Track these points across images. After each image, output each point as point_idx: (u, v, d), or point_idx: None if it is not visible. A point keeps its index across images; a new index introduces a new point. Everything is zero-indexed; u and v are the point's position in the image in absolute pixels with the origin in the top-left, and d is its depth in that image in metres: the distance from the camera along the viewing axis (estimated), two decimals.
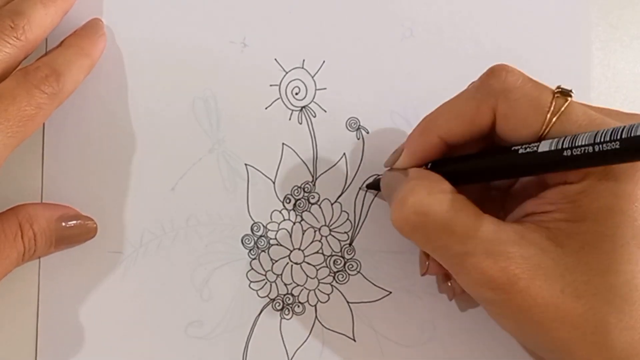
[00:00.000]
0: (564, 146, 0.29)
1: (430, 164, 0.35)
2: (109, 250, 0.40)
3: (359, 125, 0.41)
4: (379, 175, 0.40)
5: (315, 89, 0.41)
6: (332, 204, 0.41)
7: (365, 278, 0.41)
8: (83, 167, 0.40)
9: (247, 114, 0.41)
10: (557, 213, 0.31)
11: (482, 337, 0.40)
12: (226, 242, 0.41)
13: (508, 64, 0.33)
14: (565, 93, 0.31)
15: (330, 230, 0.41)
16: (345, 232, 0.41)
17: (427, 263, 0.36)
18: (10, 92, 0.34)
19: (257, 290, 0.41)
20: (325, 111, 0.41)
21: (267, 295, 0.41)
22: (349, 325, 0.41)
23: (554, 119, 0.31)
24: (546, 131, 0.31)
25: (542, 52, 0.42)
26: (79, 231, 0.39)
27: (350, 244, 0.41)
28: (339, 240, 0.41)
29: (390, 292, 0.41)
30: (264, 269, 0.41)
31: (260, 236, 0.41)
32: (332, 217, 0.41)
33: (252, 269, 0.41)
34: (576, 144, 0.29)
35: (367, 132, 0.41)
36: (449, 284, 0.38)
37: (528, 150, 0.31)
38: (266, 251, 0.41)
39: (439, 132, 0.34)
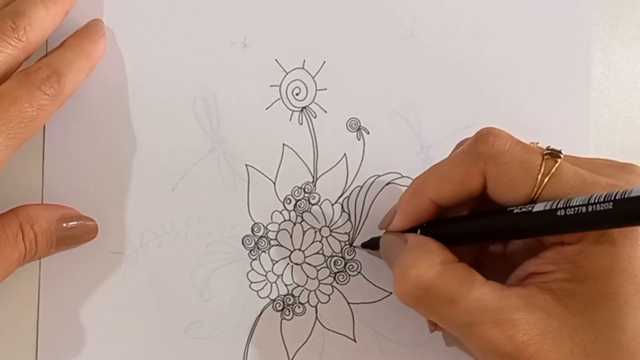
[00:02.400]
0: (558, 206, 0.29)
1: (425, 224, 0.35)
2: (110, 251, 0.40)
3: (360, 125, 0.41)
4: (375, 236, 0.40)
5: (316, 90, 0.41)
6: (332, 205, 0.41)
7: (366, 279, 0.41)
8: (84, 167, 0.40)
9: (248, 115, 0.41)
10: (559, 273, 0.31)
11: None
12: (227, 242, 0.41)
13: (495, 126, 0.33)
14: (554, 154, 0.31)
15: (330, 230, 0.41)
16: (345, 233, 0.41)
17: (433, 324, 0.36)
18: (11, 93, 0.34)
19: (257, 291, 0.41)
20: (326, 112, 0.41)
21: (268, 296, 0.41)
22: (349, 325, 0.41)
23: (545, 180, 0.31)
24: (538, 193, 0.31)
25: (542, 52, 0.42)
26: (79, 232, 0.39)
27: (350, 245, 0.41)
28: (339, 240, 0.41)
29: (391, 293, 0.41)
30: (264, 270, 0.41)
31: (261, 237, 0.41)
32: (332, 218, 0.41)
33: (253, 269, 0.41)
34: (570, 205, 0.29)
35: (368, 133, 0.41)
36: None
37: (523, 210, 0.31)
38: (267, 252, 0.41)
39: (429, 195, 0.34)
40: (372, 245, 0.40)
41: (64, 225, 0.38)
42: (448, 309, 0.31)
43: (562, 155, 0.31)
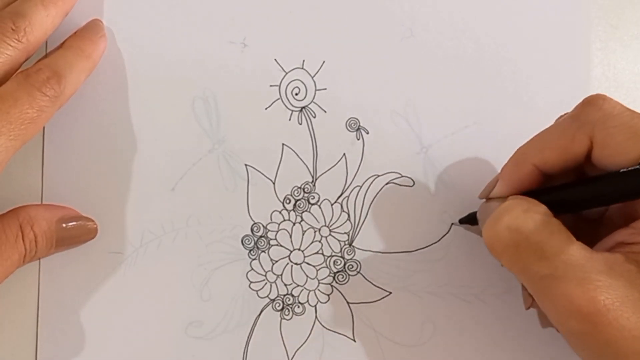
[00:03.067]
0: None
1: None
2: (109, 251, 0.40)
3: (359, 125, 0.41)
4: (472, 211, 0.39)
5: (315, 90, 0.41)
6: (332, 205, 0.41)
7: (365, 278, 0.41)
8: (83, 168, 0.40)
9: (247, 115, 0.41)
10: None
11: (482, 337, 0.40)
12: (226, 242, 0.41)
13: (604, 94, 0.33)
14: None
15: (330, 230, 0.41)
16: (345, 233, 0.41)
17: (531, 299, 0.36)
18: (11, 95, 0.34)
19: (257, 291, 0.41)
20: (325, 111, 0.41)
21: (267, 296, 0.41)
22: (349, 325, 0.41)
23: None
24: None
25: (543, 52, 0.42)
26: (79, 232, 0.39)
27: (350, 245, 0.41)
28: (338, 240, 0.41)
29: (390, 293, 0.41)
30: (264, 270, 0.41)
31: (261, 236, 0.41)
32: (332, 218, 0.41)
33: (252, 269, 0.41)
34: None
35: (367, 133, 0.41)
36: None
37: (631, 169, 0.31)
38: (266, 251, 0.41)
39: (534, 162, 0.34)
40: (470, 220, 0.39)
41: (64, 225, 0.38)
42: (535, 258, 0.31)
43: None
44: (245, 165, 0.41)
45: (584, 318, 0.30)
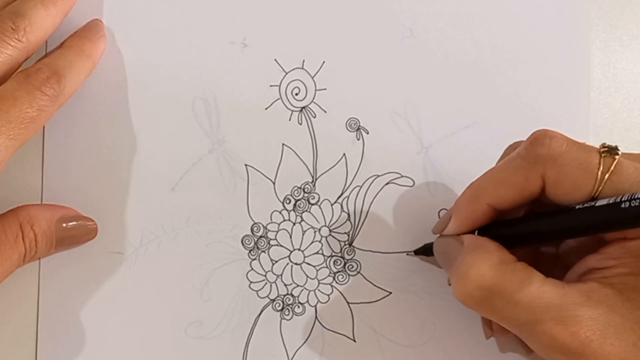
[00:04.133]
0: (622, 199, 0.29)
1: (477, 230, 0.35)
2: (109, 251, 0.40)
3: (359, 125, 0.41)
4: (427, 242, 0.40)
5: (315, 90, 0.41)
6: (332, 205, 0.41)
7: (365, 278, 0.41)
8: (83, 167, 0.40)
9: (247, 115, 0.41)
10: (621, 268, 0.31)
11: (481, 337, 0.40)
12: (226, 242, 0.41)
13: (549, 128, 0.33)
14: (612, 151, 0.31)
15: (330, 230, 0.41)
16: (345, 233, 0.41)
17: (490, 331, 0.37)
18: (11, 94, 0.34)
19: (257, 291, 0.41)
20: (325, 112, 0.41)
21: (267, 296, 0.41)
22: (349, 325, 0.41)
23: (605, 178, 0.31)
24: (599, 190, 0.31)
25: (542, 52, 0.42)
26: (79, 232, 0.39)
27: (350, 245, 0.41)
28: (339, 240, 0.41)
29: (390, 293, 0.41)
30: (264, 270, 0.41)
31: (261, 237, 0.41)
32: (332, 218, 0.41)
33: (252, 269, 0.41)
34: (635, 197, 0.29)
35: (367, 133, 0.41)
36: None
37: (585, 205, 0.31)
38: (266, 252, 0.41)
39: (487, 200, 0.34)
40: (425, 251, 0.40)
41: (64, 225, 0.38)
42: (510, 308, 0.31)
43: (619, 152, 0.31)
44: (245, 165, 0.41)
45: (570, 352, 0.30)
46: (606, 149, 0.31)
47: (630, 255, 0.31)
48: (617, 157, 0.31)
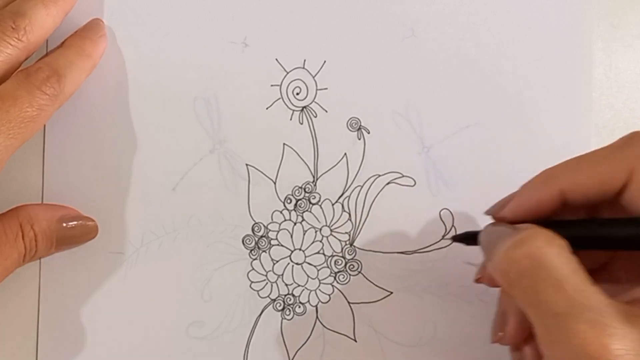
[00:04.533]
0: None
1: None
2: (110, 251, 0.40)
3: (360, 125, 0.41)
4: (470, 231, 0.37)
5: (316, 89, 0.41)
6: (333, 204, 0.41)
7: (366, 278, 0.41)
8: (84, 167, 0.40)
9: (248, 114, 0.41)
10: None
11: (482, 337, 0.40)
12: (227, 242, 0.41)
13: None
14: None
15: (331, 230, 0.41)
16: (346, 233, 0.41)
17: (499, 334, 0.35)
18: (11, 94, 0.34)
19: (258, 291, 0.41)
20: (326, 111, 0.41)
21: (268, 296, 0.41)
22: (349, 325, 0.41)
23: None
24: None
25: (543, 52, 0.42)
26: (79, 232, 0.39)
27: (351, 245, 0.41)
28: (339, 240, 0.41)
29: (391, 293, 0.41)
30: (264, 270, 0.41)
31: (261, 236, 0.41)
32: (333, 218, 0.41)
33: (253, 269, 0.41)
34: None
35: (368, 132, 0.41)
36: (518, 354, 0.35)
37: None
38: (267, 251, 0.41)
39: (562, 185, 0.32)
40: (467, 239, 0.37)
41: (64, 225, 0.38)
42: (552, 291, 0.29)
43: None
44: (246, 165, 0.41)
45: None
46: None
47: None
48: None
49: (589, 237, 0.32)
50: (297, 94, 0.41)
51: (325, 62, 0.41)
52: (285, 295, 0.41)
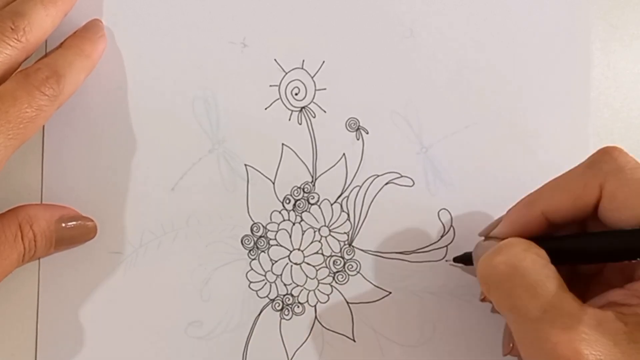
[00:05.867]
0: None
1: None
2: (109, 251, 0.40)
3: (359, 125, 0.41)
4: (468, 251, 0.39)
5: (315, 90, 0.41)
6: (331, 205, 0.41)
7: (365, 278, 0.41)
8: (83, 167, 0.40)
9: (247, 115, 0.41)
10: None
11: (481, 337, 0.40)
12: (226, 242, 0.41)
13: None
14: None
15: (330, 230, 0.41)
16: (344, 233, 0.41)
17: (511, 345, 0.36)
18: (11, 94, 0.34)
19: (256, 291, 0.41)
20: (325, 111, 0.41)
21: (267, 296, 0.41)
22: (348, 325, 0.41)
23: None
24: None
25: (542, 52, 0.42)
26: (79, 232, 0.39)
27: (350, 245, 0.41)
28: (338, 240, 0.41)
29: (390, 293, 0.41)
30: (263, 270, 0.41)
31: (260, 236, 0.41)
32: (331, 218, 0.41)
33: (252, 269, 0.41)
34: None
35: (367, 133, 0.41)
36: None
37: (634, 228, 0.31)
38: (266, 251, 0.41)
39: (542, 207, 0.34)
40: (465, 260, 0.39)
41: (63, 225, 0.38)
42: (528, 297, 0.30)
43: None
44: (245, 165, 0.41)
45: None
46: None
47: None
48: None
49: (567, 252, 0.34)
50: (296, 94, 0.41)
51: (324, 62, 0.42)
52: (284, 296, 0.41)
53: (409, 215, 0.41)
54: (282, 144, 0.41)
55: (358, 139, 0.41)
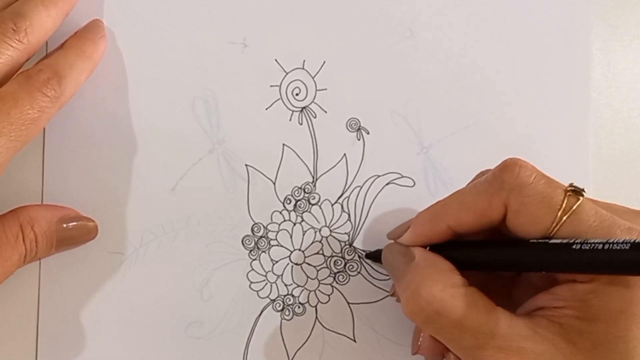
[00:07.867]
0: (575, 241, 0.29)
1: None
2: (109, 251, 0.40)
3: (359, 125, 0.41)
4: (380, 249, 0.39)
5: (316, 90, 0.41)
6: (332, 205, 0.41)
7: (366, 279, 0.41)
8: (83, 168, 0.40)
9: (248, 115, 0.41)
10: (568, 310, 0.31)
11: None
12: (226, 242, 0.41)
13: (521, 158, 0.33)
14: (577, 192, 0.31)
15: (330, 231, 0.41)
16: (345, 233, 0.41)
17: (418, 343, 0.36)
18: (12, 96, 0.34)
19: (257, 291, 0.41)
20: (326, 112, 0.41)
21: (268, 296, 0.41)
22: (349, 325, 0.41)
23: (564, 218, 0.31)
24: (556, 229, 0.31)
25: (542, 52, 0.42)
26: (79, 232, 0.39)
27: (350, 245, 0.41)
28: (339, 241, 0.41)
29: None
30: (264, 270, 0.41)
31: (261, 237, 0.41)
32: (332, 218, 0.41)
33: (253, 269, 0.41)
34: (587, 242, 0.29)
35: (368, 133, 0.41)
36: None
37: (539, 241, 0.31)
38: (266, 252, 0.41)
39: (448, 222, 0.34)
40: (376, 257, 0.39)
41: (64, 226, 0.38)
42: (456, 331, 0.31)
43: (584, 194, 0.31)
44: (246, 165, 0.41)
45: None
46: (572, 188, 0.31)
47: (578, 299, 0.30)
48: (581, 198, 0.31)
49: (475, 261, 0.34)
50: (297, 94, 0.41)
51: (324, 62, 0.42)
52: (285, 296, 0.41)
53: (410, 215, 0.41)
54: (283, 144, 0.41)
55: (359, 139, 0.41)
